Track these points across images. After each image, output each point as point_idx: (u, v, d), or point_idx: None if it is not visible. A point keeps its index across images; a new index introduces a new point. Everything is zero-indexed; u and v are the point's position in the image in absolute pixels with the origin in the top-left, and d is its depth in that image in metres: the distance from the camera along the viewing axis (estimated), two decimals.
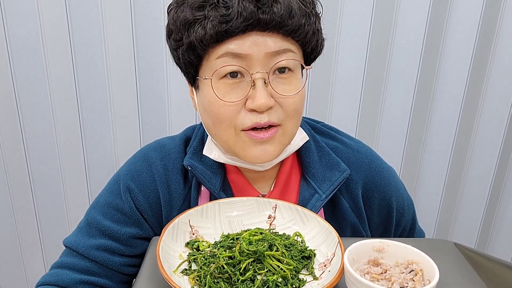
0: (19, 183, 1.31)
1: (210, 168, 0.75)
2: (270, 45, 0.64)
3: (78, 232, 0.76)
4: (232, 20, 0.62)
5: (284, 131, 0.69)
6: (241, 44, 0.64)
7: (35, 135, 1.27)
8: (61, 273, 0.72)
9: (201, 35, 0.63)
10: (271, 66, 0.65)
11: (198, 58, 0.67)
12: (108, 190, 0.78)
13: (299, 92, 0.68)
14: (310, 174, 0.77)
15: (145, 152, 0.79)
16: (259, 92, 0.64)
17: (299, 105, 0.69)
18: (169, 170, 0.76)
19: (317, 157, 0.78)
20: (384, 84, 1.32)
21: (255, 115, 0.66)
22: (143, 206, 0.75)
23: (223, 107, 0.66)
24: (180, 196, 0.76)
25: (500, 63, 1.31)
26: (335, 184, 0.75)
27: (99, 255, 0.73)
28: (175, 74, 1.22)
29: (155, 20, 1.18)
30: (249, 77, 0.65)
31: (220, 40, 0.64)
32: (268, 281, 0.56)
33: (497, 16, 1.27)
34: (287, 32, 0.65)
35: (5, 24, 1.15)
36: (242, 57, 0.64)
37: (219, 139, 0.71)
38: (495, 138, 1.41)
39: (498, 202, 1.52)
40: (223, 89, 0.66)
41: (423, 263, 0.54)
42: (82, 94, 1.24)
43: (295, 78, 0.69)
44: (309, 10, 0.68)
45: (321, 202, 0.75)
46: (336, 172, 0.76)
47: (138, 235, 0.75)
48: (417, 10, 1.24)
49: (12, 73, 1.19)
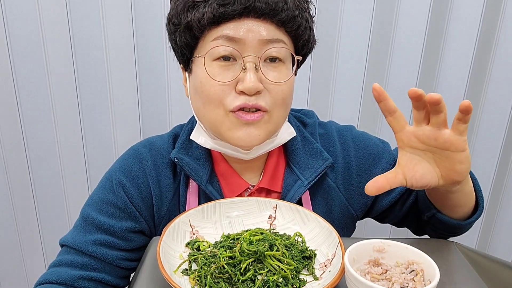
0: (20, 182, 1.31)
1: (198, 161, 0.78)
2: (263, 33, 0.68)
3: (74, 230, 0.77)
4: (230, 4, 0.66)
5: (270, 117, 0.72)
6: (236, 29, 0.67)
7: (35, 134, 1.27)
8: (59, 270, 0.72)
9: (199, 16, 0.67)
10: (262, 52, 0.69)
11: (195, 39, 0.71)
12: (101, 187, 0.79)
13: (288, 80, 0.71)
14: (294, 162, 0.81)
15: (135, 149, 0.82)
16: (249, 75, 0.67)
17: (287, 94, 0.72)
18: (158, 165, 0.79)
19: (301, 146, 0.82)
20: (384, 84, 1.32)
21: (244, 97, 0.68)
22: (136, 200, 0.77)
23: (214, 86, 0.69)
24: (170, 190, 0.78)
25: (501, 63, 1.31)
26: (318, 172, 0.79)
27: (97, 250, 0.73)
28: (176, 75, 1.22)
29: (155, 20, 1.18)
30: (241, 60, 0.68)
31: (216, 23, 0.67)
32: (268, 281, 0.56)
33: (498, 16, 1.27)
34: (280, 22, 0.69)
35: (5, 24, 1.15)
36: (236, 41, 0.67)
37: (207, 120, 0.73)
38: (496, 138, 1.40)
39: (499, 202, 1.52)
40: (215, 70, 0.69)
41: (423, 263, 0.54)
42: (83, 93, 1.24)
43: (285, 68, 0.72)
44: (303, 5, 0.72)
45: (303, 188, 0.78)
46: (318, 160, 0.80)
47: (133, 228, 0.76)
48: (418, 10, 1.23)
49: (13, 73, 1.19)
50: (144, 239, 0.78)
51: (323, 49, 1.24)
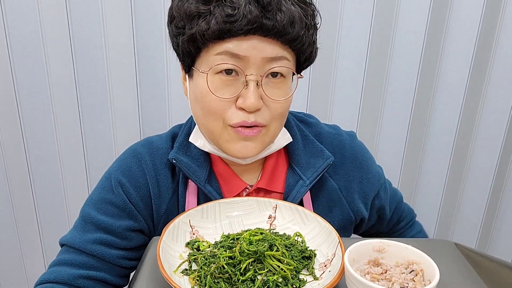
0: (19, 182, 1.31)
1: (196, 162, 0.78)
2: (268, 51, 0.67)
3: (73, 230, 0.77)
4: (237, 21, 0.64)
5: (267, 131, 0.72)
6: (240, 46, 0.66)
7: (35, 134, 1.27)
8: (59, 270, 0.72)
9: (203, 29, 0.65)
10: (265, 70, 0.68)
11: (197, 50, 0.70)
12: (100, 187, 0.79)
13: (288, 98, 0.72)
14: (295, 162, 0.81)
15: (134, 149, 0.82)
16: (250, 93, 0.67)
17: (285, 109, 0.73)
18: (157, 165, 0.79)
19: (302, 145, 0.82)
20: (384, 84, 1.32)
21: (244, 114, 0.68)
22: (135, 199, 0.77)
23: (215, 101, 0.68)
24: (168, 190, 0.78)
25: (500, 63, 1.31)
26: (319, 171, 0.79)
27: (96, 249, 0.73)
28: (176, 75, 1.22)
29: (155, 20, 1.18)
30: (243, 77, 0.67)
31: (221, 38, 0.66)
32: (268, 281, 0.56)
33: (497, 16, 1.27)
34: (286, 41, 0.68)
35: (5, 24, 1.15)
36: (240, 58, 0.66)
37: (206, 129, 0.74)
38: (496, 138, 1.41)
39: (499, 202, 1.52)
40: (217, 84, 0.68)
41: (423, 264, 0.54)
42: (83, 94, 1.24)
43: (285, 84, 0.72)
44: (309, 21, 0.70)
45: (305, 187, 0.78)
46: (319, 159, 0.80)
47: (133, 227, 0.76)
48: (418, 10, 1.24)
49: (13, 73, 1.19)
50: (143, 238, 0.78)
51: (323, 50, 1.24)
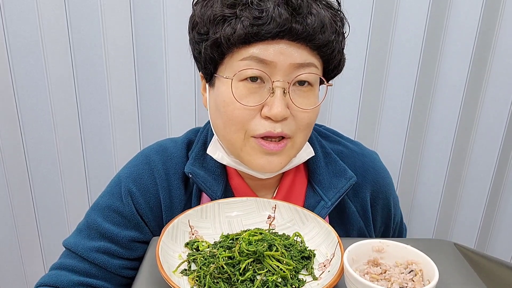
0: (19, 183, 1.31)
1: (212, 174, 0.74)
2: (296, 56, 0.63)
3: (78, 234, 0.76)
4: (265, 24, 0.61)
5: (293, 144, 0.69)
6: (268, 50, 0.62)
7: (35, 135, 1.26)
8: (60, 274, 0.72)
9: (229, 33, 0.62)
10: (293, 77, 0.64)
11: (221, 55, 0.66)
12: (109, 192, 0.77)
13: (316, 107, 0.68)
14: (317, 181, 0.77)
15: (147, 155, 0.78)
16: (277, 101, 0.63)
17: (312, 119, 0.69)
18: (170, 175, 0.76)
19: (324, 163, 0.78)
20: (383, 84, 1.32)
21: (269, 123, 0.65)
22: (144, 210, 0.75)
23: (239, 109, 0.65)
24: (181, 202, 0.76)
25: (499, 63, 1.31)
26: (341, 192, 0.75)
27: (99, 258, 0.72)
28: (175, 76, 1.22)
29: (155, 20, 1.18)
30: (269, 84, 0.64)
31: (247, 42, 0.63)
32: (267, 281, 0.56)
33: (496, 16, 1.27)
34: (315, 46, 0.64)
35: (4, 24, 1.15)
36: (267, 63, 0.63)
37: (226, 141, 0.70)
38: (495, 137, 1.40)
39: (498, 202, 1.52)
40: (242, 92, 0.65)
41: (422, 263, 0.54)
42: (82, 95, 1.24)
43: (313, 93, 0.68)
44: (339, 28, 0.67)
45: (326, 209, 0.75)
46: (342, 179, 0.76)
47: (138, 238, 0.75)
48: (417, 10, 1.23)
49: (12, 73, 1.19)
50: None
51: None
